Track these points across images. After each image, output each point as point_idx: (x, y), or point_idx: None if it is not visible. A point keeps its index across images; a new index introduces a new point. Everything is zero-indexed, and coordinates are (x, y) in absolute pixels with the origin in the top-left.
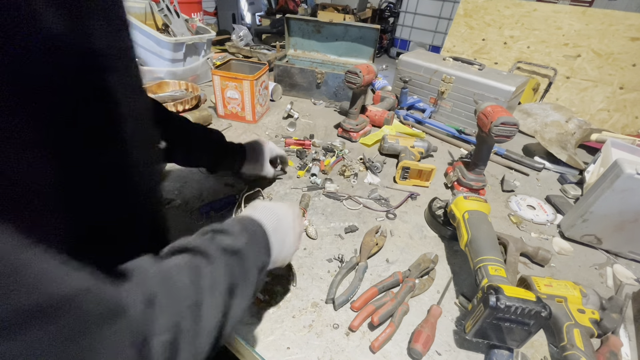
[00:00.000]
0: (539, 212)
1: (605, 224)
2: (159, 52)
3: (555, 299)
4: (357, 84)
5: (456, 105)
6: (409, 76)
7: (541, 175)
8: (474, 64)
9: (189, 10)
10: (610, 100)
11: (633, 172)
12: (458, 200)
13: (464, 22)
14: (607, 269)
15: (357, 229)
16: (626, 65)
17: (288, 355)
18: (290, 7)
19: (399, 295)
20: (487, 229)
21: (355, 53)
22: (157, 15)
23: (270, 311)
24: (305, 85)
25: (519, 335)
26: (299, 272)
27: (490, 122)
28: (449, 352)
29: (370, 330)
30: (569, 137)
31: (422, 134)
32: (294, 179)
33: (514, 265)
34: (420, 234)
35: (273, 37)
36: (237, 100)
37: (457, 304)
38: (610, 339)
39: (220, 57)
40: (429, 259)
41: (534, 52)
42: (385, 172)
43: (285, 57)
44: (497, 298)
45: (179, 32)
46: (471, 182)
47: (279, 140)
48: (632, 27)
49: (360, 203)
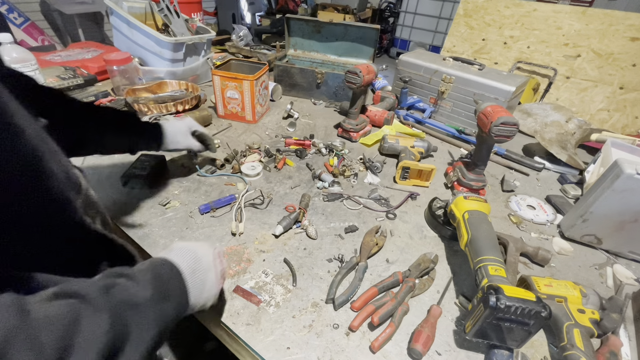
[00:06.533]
0: (539, 212)
1: (605, 224)
2: (159, 52)
3: (555, 299)
4: (357, 84)
5: (456, 105)
6: (409, 76)
7: (541, 175)
8: (474, 64)
9: (189, 10)
10: (610, 100)
11: (633, 172)
12: (458, 200)
13: (464, 22)
14: (607, 269)
15: (357, 229)
16: (626, 65)
17: (288, 355)
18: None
19: (399, 295)
20: (487, 229)
21: (355, 53)
22: (157, 15)
23: (270, 311)
24: (305, 85)
25: (519, 335)
26: (299, 272)
27: (490, 122)
28: (449, 352)
29: (370, 330)
30: (569, 137)
31: (422, 134)
32: (294, 179)
33: (514, 265)
34: (420, 234)
35: (273, 37)
36: (237, 100)
37: (457, 304)
38: (610, 339)
39: (220, 57)
40: (429, 259)
41: (534, 52)
42: (385, 172)
43: (285, 57)
44: (497, 298)
45: (179, 32)
46: (471, 182)
47: (279, 140)
48: (632, 27)
49: (360, 203)
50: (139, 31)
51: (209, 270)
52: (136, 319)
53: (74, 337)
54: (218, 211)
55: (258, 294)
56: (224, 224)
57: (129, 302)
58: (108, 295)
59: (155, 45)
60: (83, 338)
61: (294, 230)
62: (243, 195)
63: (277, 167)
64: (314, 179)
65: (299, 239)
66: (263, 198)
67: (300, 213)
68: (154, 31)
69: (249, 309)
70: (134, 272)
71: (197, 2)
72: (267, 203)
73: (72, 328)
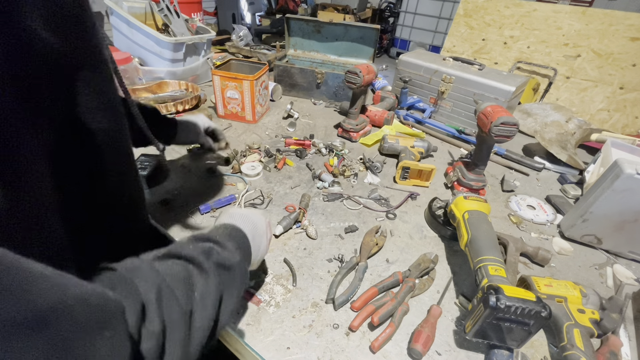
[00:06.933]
0: (539, 212)
1: (605, 224)
2: (159, 52)
3: (555, 299)
4: (357, 84)
5: (456, 105)
6: (409, 76)
7: (541, 175)
8: (474, 64)
9: (189, 10)
10: (610, 100)
11: (633, 172)
12: (458, 200)
13: (464, 22)
14: (607, 269)
15: (357, 229)
16: (626, 65)
17: (288, 355)
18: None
19: (399, 295)
20: (487, 229)
21: (355, 53)
22: (157, 15)
23: (270, 311)
24: (305, 85)
25: (519, 335)
26: (299, 272)
27: (490, 122)
28: (449, 352)
29: (370, 330)
30: (569, 137)
31: (422, 134)
32: (294, 179)
33: (514, 265)
34: (420, 234)
35: (273, 37)
36: (237, 100)
37: (457, 304)
38: (610, 339)
39: (220, 57)
40: (429, 259)
41: (534, 52)
42: (385, 172)
43: (285, 57)
44: (497, 298)
45: (179, 32)
46: (471, 182)
47: (279, 140)
48: (632, 27)
49: (360, 203)
50: (139, 31)
51: (263, 236)
52: (230, 278)
53: (193, 292)
54: (218, 211)
55: (258, 294)
56: None
57: (224, 265)
58: (210, 259)
59: (155, 45)
60: (199, 293)
61: (294, 230)
62: (243, 195)
63: (277, 167)
64: (314, 179)
65: (299, 239)
66: (263, 198)
67: (300, 213)
68: (154, 31)
69: (249, 309)
70: (219, 239)
71: (197, 2)
72: (267, 203)
73: (189, 284)
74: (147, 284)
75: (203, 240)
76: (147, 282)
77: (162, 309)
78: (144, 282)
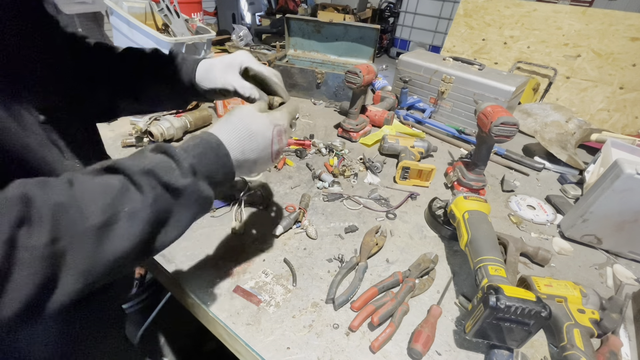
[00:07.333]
0: (539, 212)
1: (605, 224)
2: None
3: (555, 299)
4: (357, 84)
5: (456, 105)
6: (409, 76)
7: (541, 175)
8: (474, 64)
9: (189, 10)
10: (610, 100)
11: (633, 172)
12: (458, 200)
13: (464, 22)
14: (607, 269)
15: (357, 229)
16: (626, 65)
17: (288, 355)
18: (290, 7)
19: (399, 295)
20: (487, 229)
21: (355, 53)
22: (157, 15)
23: (270, 311)
24: (305, 85)
25: (519, 335)
26: (299, 272)
27: (490, 122)
28: (449, 352)
29: (370, 330)
30: (569, 137)
31: (422, 134)
32: (294, 179)
33: (514, 265)
34: (420, 234)
35: (273, 37)
36: (237, 100)
37: (457, 304)
38: (610, 339)
39: None
40: (429, 259)
41: (534, 52)
42: (385, 172)
43: (285, 57)
44: (497, 298)
45: (179, 32)
46: (471, 182)
47: None
48: (632, 27)
49: (360, 203)
50: (139, 31)
51: (263, 149)
52: (177, 201)
53: (119, 207)
54: (218, 211)
55: (258, 294)
56: (224, 224)
57: (169, 185)
58: (149, 176)
59: (155, 45)
60: (129, 208)
61: (294, 230)
62: (243, 195)
63: (277, 167)
64: (314, 179)
65: (299, 239)
66: (263, 198)
67: (300, 213)
68: (154, 31)
69: (249, 309)
70: (179, 153)
71: (197, 2)
72: (267, 203)
73: (118, 199)
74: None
75: (161, 151)
76: (47, 195)
77: (58, 221)
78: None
